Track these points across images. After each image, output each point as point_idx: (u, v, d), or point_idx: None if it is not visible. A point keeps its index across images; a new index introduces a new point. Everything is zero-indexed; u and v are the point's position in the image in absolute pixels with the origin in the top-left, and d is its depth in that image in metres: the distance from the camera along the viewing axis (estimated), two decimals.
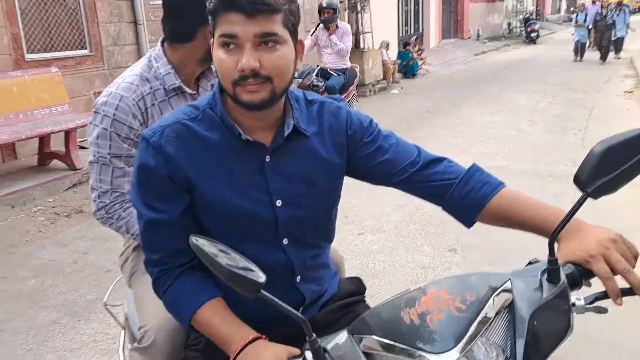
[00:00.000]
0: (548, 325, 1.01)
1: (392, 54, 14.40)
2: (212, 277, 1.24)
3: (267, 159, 1.28)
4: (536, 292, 1.03)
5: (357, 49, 12.16)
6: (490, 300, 0.98)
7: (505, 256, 3.80)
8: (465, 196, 1.33)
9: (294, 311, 1.00)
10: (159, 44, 1.88)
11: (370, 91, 11.93)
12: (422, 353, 0.94)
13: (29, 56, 6.67)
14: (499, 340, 0.99)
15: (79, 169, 6.04)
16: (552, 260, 1.03)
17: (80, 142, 6.57)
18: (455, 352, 0.93)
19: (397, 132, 1.42)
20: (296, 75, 4.18)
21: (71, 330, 3.17)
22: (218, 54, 1.17)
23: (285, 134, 1.28)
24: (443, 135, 7.76)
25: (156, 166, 1.22)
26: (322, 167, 1.33)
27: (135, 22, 7.98)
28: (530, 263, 1.12)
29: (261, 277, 0.98)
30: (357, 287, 1.56)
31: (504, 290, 1.00)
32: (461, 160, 1.39)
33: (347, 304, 1.48)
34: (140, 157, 1.25)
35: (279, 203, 1.28)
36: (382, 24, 14.06)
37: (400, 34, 17.28)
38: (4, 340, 3.10)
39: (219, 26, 1.15)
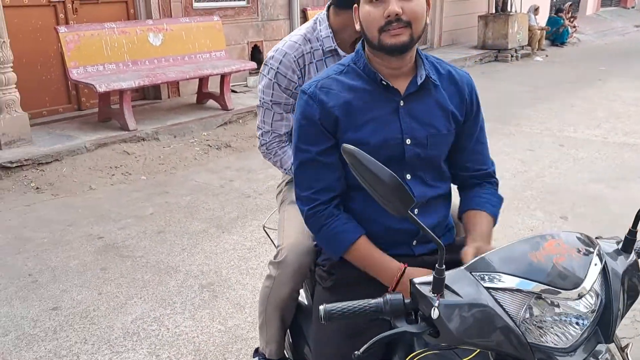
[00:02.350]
0: (629, 285, 1.14)
1: (542, 19, 13.82)
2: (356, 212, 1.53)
3: (402, 103, 1.50)
4: (619, 257, 1.16)
5: (502, 12, 11.90)
6: (594, 256, 1.10)
7: (615, 229, 3.87)
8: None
9: (434, 235, 1.04)
10: (325, 8, 2.09)
11: (512, 57, 11.67)
12: (554, 289, 1.03)
13: (196, 5, 7.53)
14: (598, 289, 1.10)
15: (230, 110, 6.82)
16: (633, 232, 1.17)
17: (232, 86, 7.35)
18: (582, 289, 1.04)
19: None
20: None
21: (217, 239, 3.85)
22: (365, 8, 1.42)
23: (419, 82, 1.49)
24: (580, 107, 7.57)
25: (311, 112, 1.48)
26: (444, 115, 1.53)
27: None
28: (597, 238, 1.23)
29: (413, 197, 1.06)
30: None
31: (599, 251, 1.13)
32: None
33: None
34: (299, 106, 1.52)
35: (408, 141, 1.49)
36: None
37: None
38: (166, 240, 3.85)
39: None
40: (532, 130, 6.47)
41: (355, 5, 1.49)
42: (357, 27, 1.51)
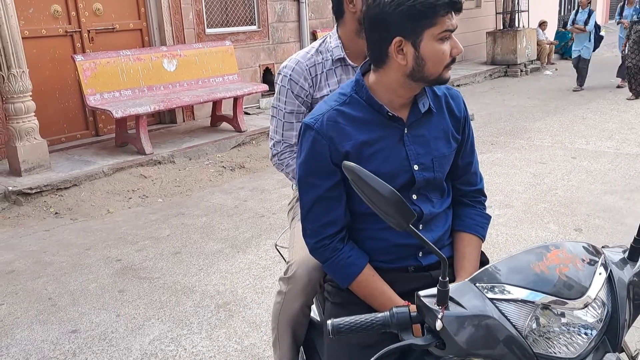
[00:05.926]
0: (636, 293, 1.15)
1: (550, 33, 13.86)
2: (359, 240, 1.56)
3: (406, 131, 1.53)
4: (625, 266, 1.17)
5: (510, 28, 11.97)
6: (599, 265, 1.10)
7: (630, 241, 3.87)
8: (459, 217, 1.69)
9: (436, 249, 1.05)
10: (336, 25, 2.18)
11: (521, 71, 11.72)
12: (561, 299, 1.04)
13: (208, 30, 7.69)
14: (603, 298, 1.10)
15: (244, 131, 6.92)
16: (639, 240, 1.21)
17: (245, 108, 7.46)
18: (586, 299, 1.04)
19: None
20: None
21: (232, 259, 3.90)
22: (435, 47, 1.39)
23: (423, 111, 1.53)
24: (592, 119, 7.57)
25: (321, 149, 1.48)
26: (445, 137, 1.59)
27: (298, 0, 8.69)
28: (603, 247, 1.26)
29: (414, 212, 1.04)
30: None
31: (604, 260, 1.13)
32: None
33: None
34: (307, 142, 1.51)
35: (416, 167, 1.53)
36: (541, 3, 13.60)
37: (562, 13, 16.46)
38: (182, 260, 3.91)
39: (438, 24, 1.37)
40: (543, 143, 6.48)
41: (399, 38, 1.41)
42: (407, 63, 1.43)
